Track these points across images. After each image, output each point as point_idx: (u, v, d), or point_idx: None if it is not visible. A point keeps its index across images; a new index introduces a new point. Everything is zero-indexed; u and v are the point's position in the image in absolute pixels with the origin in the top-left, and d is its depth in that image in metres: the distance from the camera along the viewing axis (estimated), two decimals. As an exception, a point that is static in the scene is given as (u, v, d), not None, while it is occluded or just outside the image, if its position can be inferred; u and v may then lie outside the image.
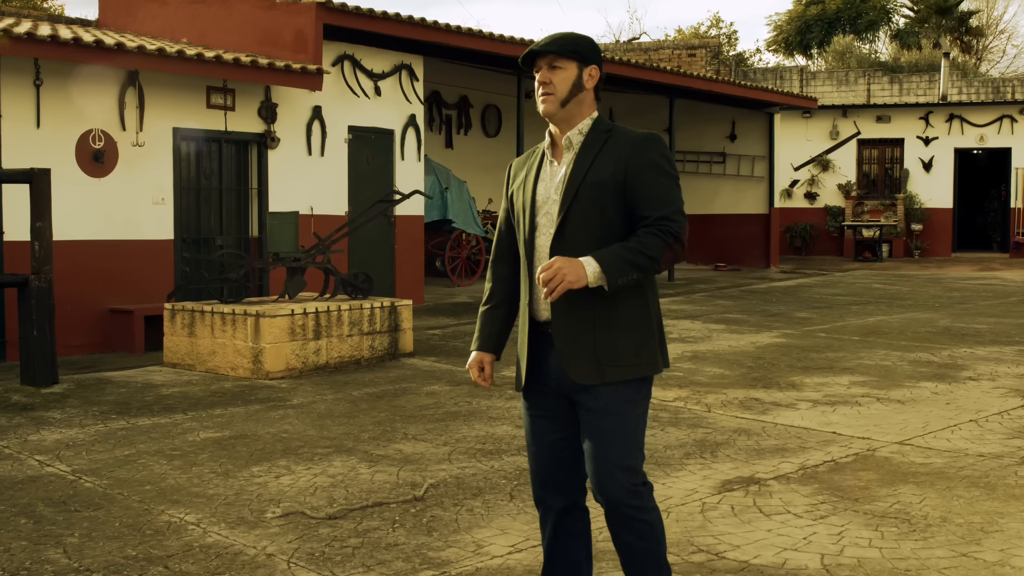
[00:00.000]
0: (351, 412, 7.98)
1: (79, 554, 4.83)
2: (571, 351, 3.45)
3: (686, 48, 34.88)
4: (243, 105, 12.74)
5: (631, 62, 18.80)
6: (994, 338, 11.88)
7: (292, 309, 9.48)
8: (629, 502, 3.47)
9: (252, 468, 6.35)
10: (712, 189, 24.04)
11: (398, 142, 14.90)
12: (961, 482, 6.05)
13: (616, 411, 3.46)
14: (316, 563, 4.72)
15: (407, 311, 10.54)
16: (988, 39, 49.67)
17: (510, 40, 15.71)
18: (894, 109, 26.83)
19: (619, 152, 3.44)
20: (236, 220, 12.99)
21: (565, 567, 3.71)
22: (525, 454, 6.56)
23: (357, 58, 14.14)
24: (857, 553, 4.86)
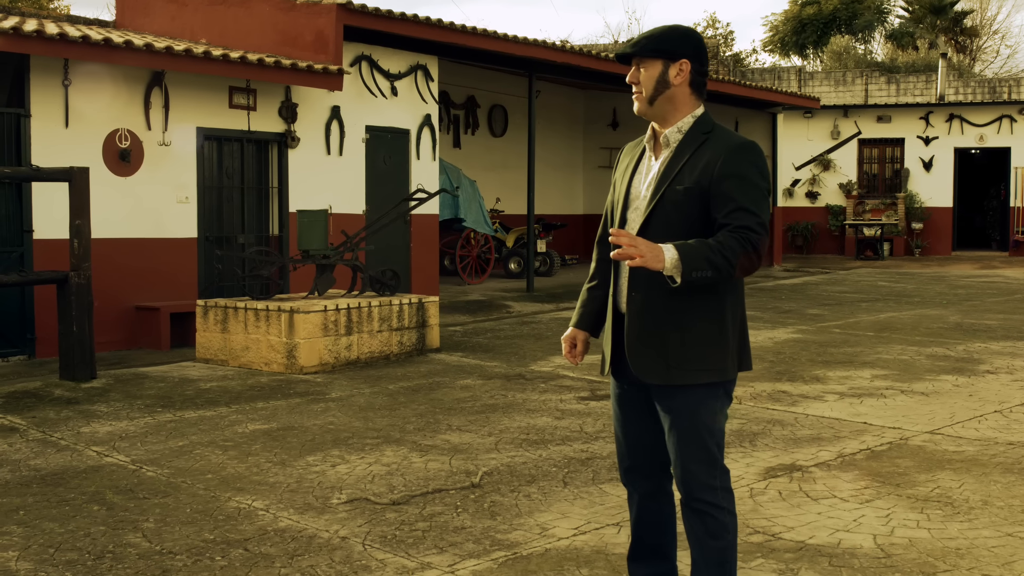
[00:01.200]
0: (391, 405, 8.14)
1: (158, 538, 4.99)
2: (639, 348, 3.56)
3: (684, 49, 35.00)
4: (264, 105, 12.89)
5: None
6: (1006, 333, 12.08)
7: (325, 305, 9.64)
8: (702, 496, 3.58)
9: (307, 458, 6.51)
10: (715, 188, 24.20)
11: (414, 142, 15.06)
12: (995, 468, 6.24)
13: (687, 412, 3.54)
14: (390, 545, 4.88)
15: (434, 307, 10.71)
16: (982, 39, 49.98)
17: (523, 41, 15.89)
18: (895, 109, 27.07)
19: (711, 157, 3.50)
20: (257, 219, 13.14)
21: (652, 545, 3.86)
22: (569, 444, 6.78)
23: (374, 59, 14.29)
24: (907, 534, 5.05)
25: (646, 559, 3.87)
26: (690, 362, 3.52)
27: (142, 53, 10.98)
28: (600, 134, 25.39)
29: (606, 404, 8.13)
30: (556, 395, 8.53)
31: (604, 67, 17.83)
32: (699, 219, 3.48)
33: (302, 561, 4.67)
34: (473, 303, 15.50)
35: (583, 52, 17.98)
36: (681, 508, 3.69)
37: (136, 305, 11.60)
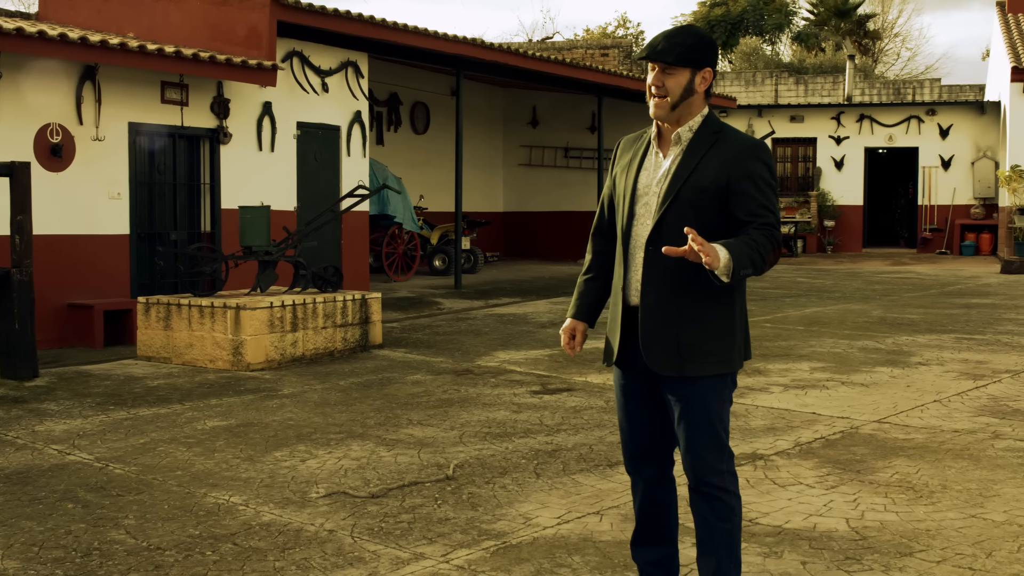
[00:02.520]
0: (346, 400, 8.15)
1: (143, 534, 4.96)
2: (654, 342, 3.66)
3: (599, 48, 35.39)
4: (196, 101, 12.76)
5: (562, 61, 19.14)
6: (929, 327, 12.47)
7: (271, 302, 9.59)
8: (711, 481, 3.70)
9: (274, 453, 6.50)
10: (634, 186, 24.49)
11: (344, 138, 15.02)
12: (947, 455, 6.48)
13: (699, 401, 3.66)
14: (379, 537, 4.92)
15: (376, 304, 10.72)
16: (884, 42, 51.28)
17: (453, 38, 15.94)
18: (807, 109, 27.67)
19: (725, 157, 3.61)
20: (189, 215, 12.99)
21: (656, 532, 3.96)
22: (532, 436, 6.87)
23: (306, 55, 14.23)
24: (877, 517, 5.23)
25: (650, 544, 3.97)
26: (702, 354, 3.63)
27: (77, 46, 10.80)
28: (520, 132, 25.53)
29: (560, 398, 8.24)
30: (508, 389, 8.61)
31: (531, 65, 17.96)
32: (714, 216, 3.59)
33: (294, 554, 4.68)
34: (403, 300, 15.49)
35: (512, 50, 18.09)
36: (689, 493, 3.80)
37: (69, 303, 11.40)
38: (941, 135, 26.50)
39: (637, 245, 3.71)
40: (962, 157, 26.21)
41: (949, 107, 26.78)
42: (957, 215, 26.12)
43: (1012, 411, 7.75)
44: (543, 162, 25.42)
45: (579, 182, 24.86)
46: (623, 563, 4.58)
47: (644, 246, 3.66)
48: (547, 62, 18.39)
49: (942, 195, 26.29)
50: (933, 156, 26.64)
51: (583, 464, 6.25)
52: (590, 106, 24.28)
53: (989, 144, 25.97)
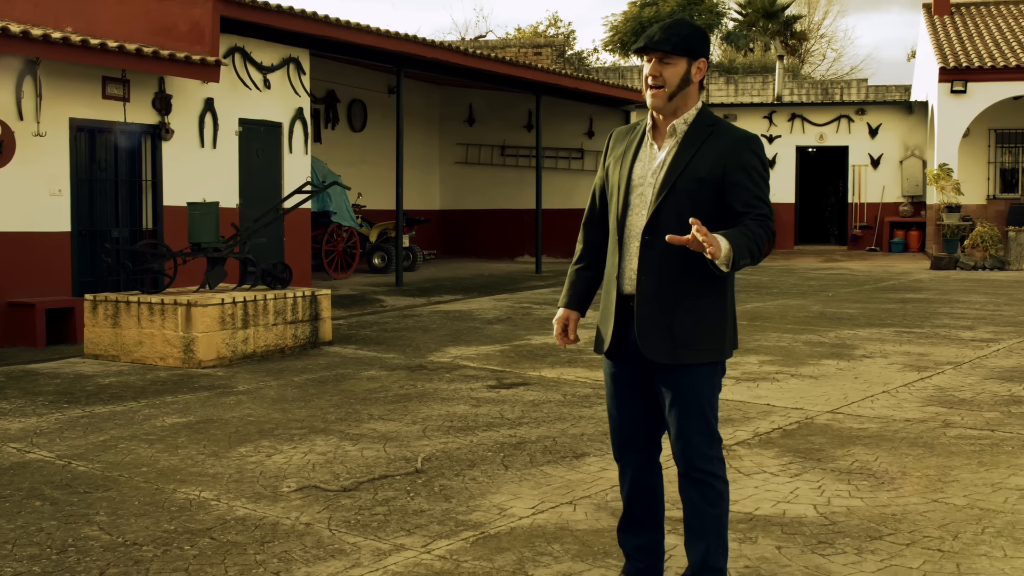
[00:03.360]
0: (303, 397, 8.12)
1: (117, 530, 4.92)
2: (649, 330, 3.72)
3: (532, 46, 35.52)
4: (138, 96, 12.60)
5: (502, 59, 19.19)
6: (868, 321, 12.72)
7: (222, 299, 9.52)
8: (701, 466, 3.78)
9: (238, 449, 6.47)
10: (571, 184, 24.67)
11: (286, 135, 14.93)
12: (902, 443, 6.64)
13: (691, 389, 3.74)
14: (356, 529, 4.93)
15: (326, 300, 10.68)
16: (811, 43, 52.07)
17: (395, 35, 15.92)
18: (740, 108, 28.01)
19: (720, 149, 3.69)
20: (130, 212, 12.83)
21: (643, 518, 4.03)
22: (495, 429, 6.91)
23: (247, 51, 14.12)
24: (843, 503, 5.36)
25: (637, 529, 4.03)
26: (696, 342, 3.71)
27: (18, 40, 10.62)
28: (456, 130, 25.56)
29: (517, 392, 8.29)
30: (465, 384, 8.64)
31: (472, 63, 17.99)
32: (709, 206, 3.67)
33: (274, 547, 4.67)
34: (346, 297, 15.43)
35: (453, 48, 18.09)
36: (678, 479, 3.87)
37: (9, 301, 11.20)
38: (870, 134, 26.99)
39: (632, 235, 3.76)
40: (891, 156, 26.72)
41: (878, 107, 27.28)
42: (886, 213, 26.63)
43: (959, 401, 7.95)
44: (480, 160, 25.47)
45: (516, 180, 24.95)
46: (602, 551, 4.64)
47: (640, 236, 3.72)
48: (488, 60, 18.44)
49: (872, 193, 26.77)
50: (863, 155, 27.12)
51: (549, 456, 6.30)
52: (526, 104, 24.38)
53: (917, 143, 26.50)
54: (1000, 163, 25.98)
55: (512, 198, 24.99)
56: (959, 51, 24.52)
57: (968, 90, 23.19)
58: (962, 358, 9.91)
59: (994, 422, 7.22)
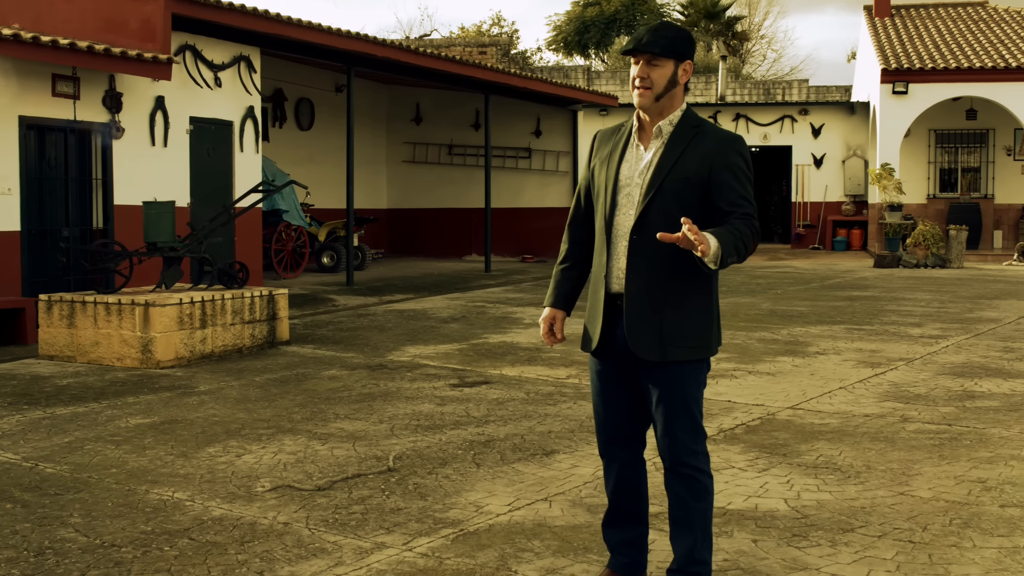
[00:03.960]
0: (266, 396, 8.09)
1: (93, 532, 4.88)
2: (638, 327, 3.78)
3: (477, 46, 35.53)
4: (88, 94, 12.44)
5: (452, 58, 19.20)
6: (818, 319, 12.92)
7: (180, 298, 9.45)
8: (687, 461, 3.86)
9: (207, 449, 6.44)
10: (519, 183, 24.74)
11: (237, 134, 14.82)
12: (863, 437, 6.77)
13: (678, 385, 3.82)
14: (335, 528, 4.94)
15: (283, 300, 10.64)
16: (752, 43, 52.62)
17: (346, 34, 15.87)
18: (684, 108, 28.21)
19: (705, 150, 3.75)
20: (80, 211, 12.67)
21: (628, 513, 4.08)
22: (463, 428, 6.94)
23: (198, 48, 14.00)
24: (813, 497, 5.46)
25: (622, 524, 4.09)
26: (684, 339, 3.77)
27: (-32, 37, 10.45)
28: (404, 129, 25.51)
29: (480, 390, 8.32)
30: (427, 383, 8.65)
31: (423, 62, 17.98)
32: (696, 206, 3.73)
33: (255, 547, 4.67)
34: (298, 297, 15.35)
35: (405, 47, 18.07)
36: (665, 474, 3.93)
37: (-43, 302, 11.02)
38: (813, 134, 27.36)
39: (619, 234, 3.82)
40: (833, 156, 27.11)
41: (821, 107, 27.66)
42: (829, 212, 27.00)
43: (914, 396, 8.11)
44: (427, 159, 25.45)
45: (463, 179, 24.95)
46: (582, 546, 4.70)
47: (628, 235, 3.78)
48: (440, 59, 18.44)
49: (815, 192, 27.15)
50: (806, 154, 27.49)
51: (519, 453, 6.35)
52: (474, 103, 24.39)
53: (859, 143, 26.91)
54: (939, 163, 26.47)
55: (460, 197, 25.00)
56: (900, 53, 24.93)
57: (909, 91, 23.60)
58: (913, 354, 10.11)
59: (950, 417, 7.38)
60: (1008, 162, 26.04)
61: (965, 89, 23.86)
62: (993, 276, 19.65)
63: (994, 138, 26.15)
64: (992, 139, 26.18)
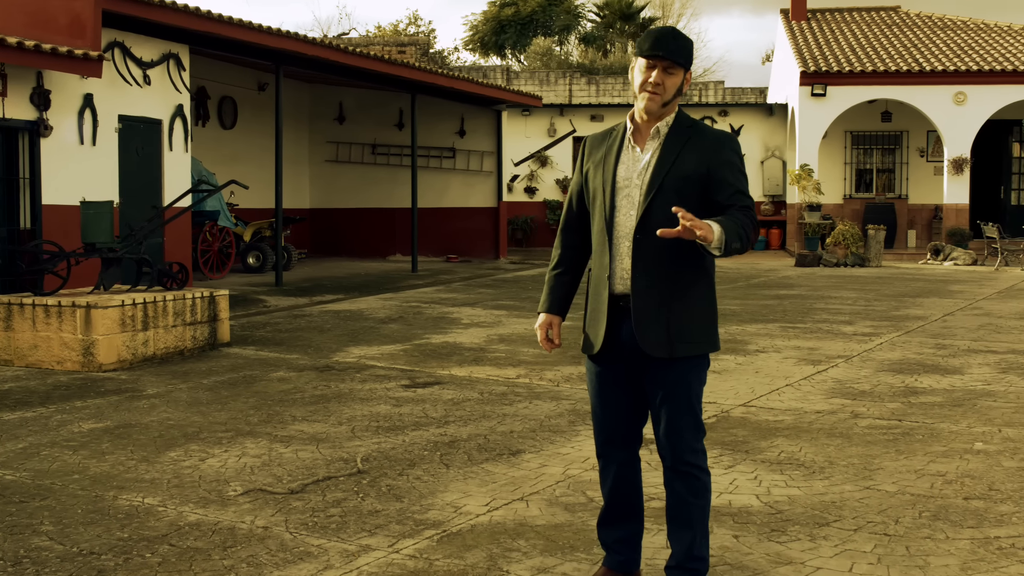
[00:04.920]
0: (218, 399, 7.98)
1: (68, 539, 4.78)
2: (647, 326, 3.82)
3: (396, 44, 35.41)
4: (14, 91, 12.14)
5: (381, 57, 19.11)
6: (752, 317, 13.12)
7: (122, 300, 9.27)
8: (689, 459, 3.92)
9: (168, 453, 6.33)
10: (443, 183, 24.70)
11: (166, 133, 14.59)
12: (819, 433, 6.91)
13: (684, 382, 3.88)
14: (317, 531, 4.90)
15: (224, 301, 10.50)
16: (665, 45, 53.08)
17: (276, 32, 15.71)
18: (607, 109, 28.48)
19: (702, 148, 3.82)
20: (6, 211, 12.36)
21: (625, 509, 4.13)
22: (424, 429, 6.94)
23: (127, 45, 13.75)
24: (783, 492, 5.56)
25: (619, 523, 4.13)
26: (690, 336, 3.83)
27: None
28: (326, 128, 25.31)
29: (433, 391, 8.31)
30: (378, 384, 8.61)
31: (353, 61, 17.87)
32: (696, 203, 3.78)
33: (239, 552, 4.61)
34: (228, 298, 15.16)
35: (334, 46, 17.93)
36: (664, 472, 3.98)
37: None
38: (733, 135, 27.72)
39: (621, 235, 3.85)
40: (752, 156, 27.52)
41: (740, 108, 28.09)
42: (748, 211, 27.41)
43: (860, 392, 8.30)
44: (350, 159, 25.28)
45: (387, 179, 24.85)
46: (568, 545, 4.73)
47: (630, 235, 3.82)
48: (369, 58, 18.35)
49: (734, 192, 27.56)
50: (725, 155, 27.84)
51: (486, 454, 6.36)
52: (397, 103, 24.32)
53: (777, 144, 27.38)
54: (855, 164, 27.03)
55: (383, 197, 24.88)
56: (818, 56, 25.42)
57: (828, 93, 24.07)
58: (850, 351, 10.33)
59: (899, 412, 7.56)
60: (921, 163, 26.70)
61: (881, 92, 24.42)
62: (911, 274, 20.15)
63: (908, 140, 26.81)
64: (906, 141, 26.82)
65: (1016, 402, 7.93)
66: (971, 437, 6.80)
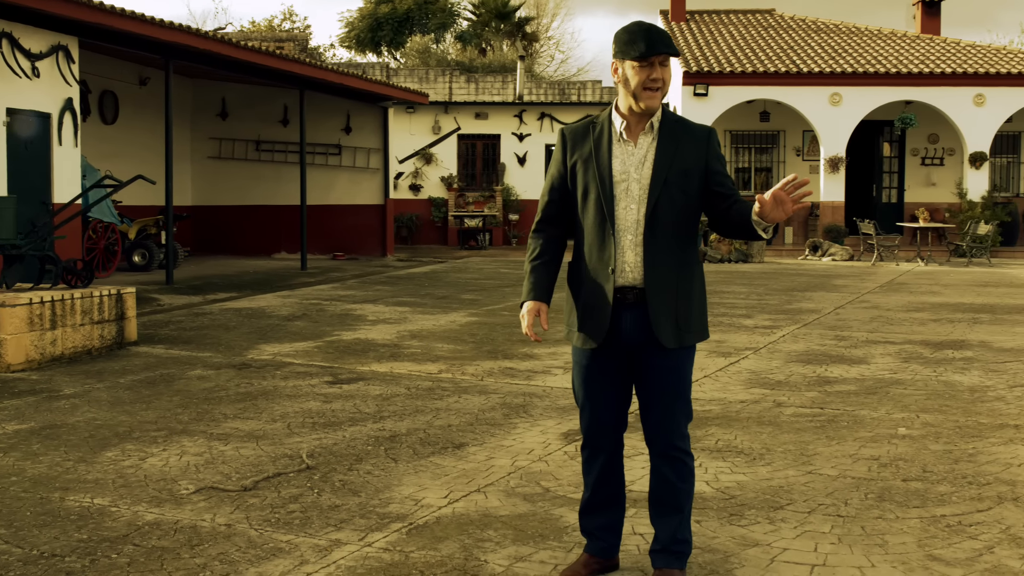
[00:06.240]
0: (140, 398, 7.80)
1: (26, 543, 4.64)
2: (662, 317, 3.90)
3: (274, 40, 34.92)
4: (-101, 82, 11.67)
5: (273, 52, 18.86)
6: (652, 311, 13.33)
7: (30, 298, 8.99)
8: (679, 445, 4.04)
9: (105, 454, 6.18)
10: (329, 180, 24.50)
11: (55, 126, 14.17)
12: (750, 422, 7.10)
13: (680, 371, 3.99)
14: (282, 527, 4.85)
15: (132, 300, 10.26)
16: (541, 44, 53.56)
17: (169, 25, 15.38)
18: (491, 107, 28.60)
19: (695, 143, 3.93)
20: None
21: (609, 498, 4.20)
22: (361, 424, 6.93)
23: (15, 36, 13.31)
24: (731, 479, 5.71)
25: (602, 510, 4.20)
26: (692, 324, 3.96)
27: None
28: (209, 124, 24.86)
29: (358, 387, 8.27)
30: (302, 381, 8.53)
31: (243, 56, 17.59)
32: (695, 194, 3.90)
33: (208, 550, 4.54)
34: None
35: (225, 40, 17.61)
36: (653, 458, 4.07)
37: None
38: (615, 133, 28.12)
39: (624, 228, 3.89)
40: (635, 154, 27.94)
41: (622, 107, 28.46)
42: (631, 209, 27.84)
43: (776, 382, 8.54)
44: (234, 155, 24.89)
45: (272, 176, 24.54)
46: (537, 534, 4.78)
47: (635, 228, 3.87)
48: (260, 53, 18.08)
49: (618, 190, 27.96)
50: (608, 153, 28.23)
51: (430, 447, 6.37)
52: (282, 99, 24.06)
53: (659, 142, 27.85)
54: (735, 163, 27.67)
55: (268, 194, 24.56)
56: (699, 56, 25.95)
57: (709, 93, 24.59)
58: (756, 344, 10.61)
59: (818, 401, 7.81)
60: (797, 162, 27.47)
61: (760, 92, 25.05)
62: (794, 270, 20.75)
63: (785, 139, 27.56)
64: (783, 140, 27.58)
65: (925, 389, 8.27)
66: (893, 423, 7.07)
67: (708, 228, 4.17)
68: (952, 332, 11.59)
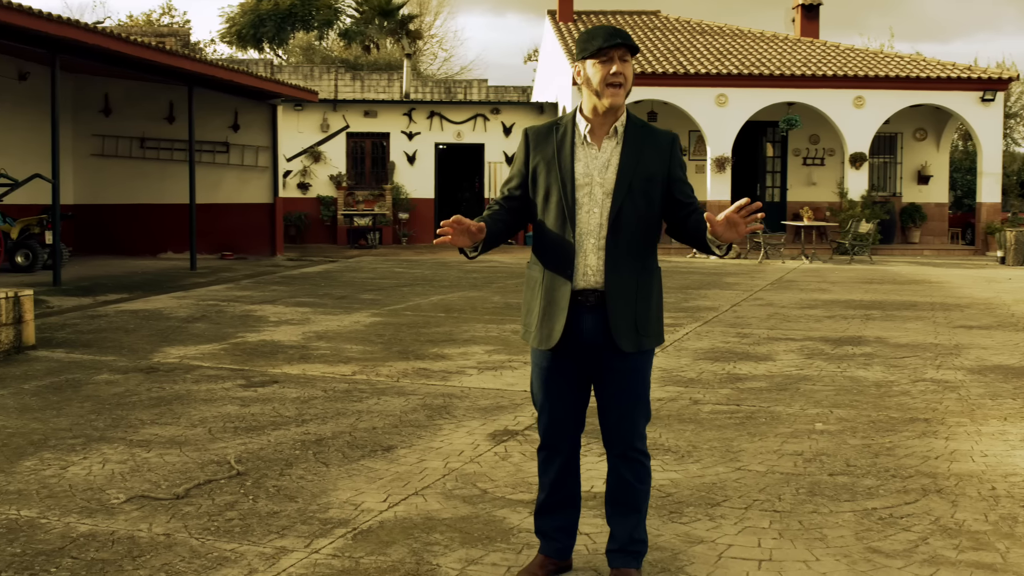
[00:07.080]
0: (49, 405, 7.56)
1: (-45, 557, 4.47)
2: (621, 322, 3.92)
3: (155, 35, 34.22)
4: None
5: (163, 48, 18.45)
6: (555, 310, 13.42)
7: (-76, 302, 8.64)
8: (638, 446, 4.09)
9: (23, 463, 5.98)
10: (216, 178, 24.08)
11: (-63, 123, 13.63)
12: (672, 420, 7.20)
13: (640, 374, 4.03)
14: (224, 536, 4.76)
15: (29, 302, 9.94)
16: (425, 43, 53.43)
17: (57, 19, 14.92)
18: (380, 105, 28.42)
19: (658, 148, 3.96)
20: None
21: (565, 499, 4.22)
22: (284, 428, 6.85)
23: None
24: (663, 476, 5.79)
25: (559, 511, 4.22)
26: (650, 329, 3.99)
27: None
28: (91, 121, 24.18)
29: (274, 390, 8.16)
30: (215, 384, 8.37)
31: (132, 51, 17.17)
32: (658, 201, 3.95)
33: (151, 561, 4.44)
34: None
35: (116, 35, 17.14)
36: (612, 460, 4.11)
37: None
38: (504, 132, 28.25)
39: (585, 232, 3.91)
40: (524, 154, 28.08)
41: (512, 107, 28.60)
42: (521, 208, 27.96)
43: (689, 380, 8.68)
44: (117, 152, 24.26)
45: (157, 174, 24.01)
46: (484, 536, 4.78)
47: (597, 233, 3.89)
48: (149, 48, 17.67)
49: (508, 189, 28.05)
50: (498, 152, 28.35)
51: (359, 451, 6.32)
52: (167, 95, 23.59)
53: (548, 142, 28.03)
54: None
55: (154, 192, 24.02)
56: (588, 56, 26.17)
57: (600, 93, 24.82)
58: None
59: (733, 398, 7.97)
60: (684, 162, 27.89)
61: (648, 93, 25.39)
62: (685, 267, 21.09)
63: (671, 139, 27.95)
64: (670, 140, 27.97)
65: (833, 385, 8.50)
66: (809, 419, 7.25)
67: (667, 233, 4.20)
68: (848, 328, 11.93)
